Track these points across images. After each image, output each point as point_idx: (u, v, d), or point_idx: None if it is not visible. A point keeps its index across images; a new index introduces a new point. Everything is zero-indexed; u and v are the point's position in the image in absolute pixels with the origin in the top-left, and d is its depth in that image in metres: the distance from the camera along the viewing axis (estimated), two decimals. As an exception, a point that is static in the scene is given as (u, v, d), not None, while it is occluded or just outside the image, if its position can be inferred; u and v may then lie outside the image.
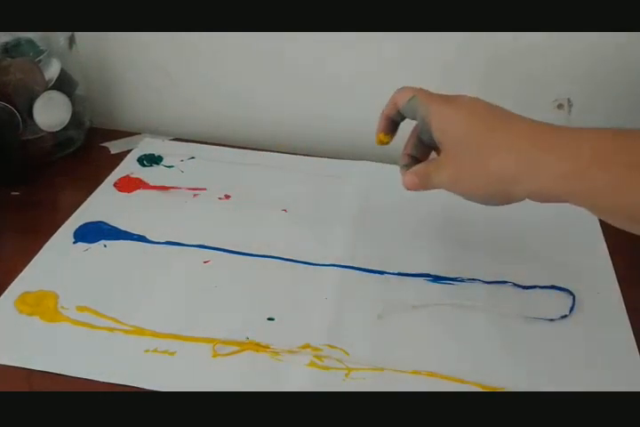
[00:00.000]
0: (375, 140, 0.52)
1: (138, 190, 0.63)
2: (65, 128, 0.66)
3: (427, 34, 0.64)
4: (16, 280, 0.52)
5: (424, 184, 0.47)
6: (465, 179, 0.44)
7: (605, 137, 0.39)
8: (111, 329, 0.48)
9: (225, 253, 0.56)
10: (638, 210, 0.38)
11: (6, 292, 0.51)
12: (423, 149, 0.51)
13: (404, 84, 0.49)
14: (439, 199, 0.63)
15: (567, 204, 0.41)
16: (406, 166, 0.50)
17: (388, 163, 0.68)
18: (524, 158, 0.40)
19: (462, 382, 0.45)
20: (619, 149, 0.38)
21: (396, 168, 0.67)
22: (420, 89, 0.48)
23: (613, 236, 0.59)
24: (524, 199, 0.42)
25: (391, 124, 0.51)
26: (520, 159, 0.41)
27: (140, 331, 0.48)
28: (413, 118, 0.49)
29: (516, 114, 0.44)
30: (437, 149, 0.48)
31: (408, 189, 0.48)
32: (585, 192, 0.39)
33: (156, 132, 0.74)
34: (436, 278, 0.54)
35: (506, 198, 0.43)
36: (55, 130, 0.65)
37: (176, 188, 0.64)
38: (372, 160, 0.69)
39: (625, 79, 0.65)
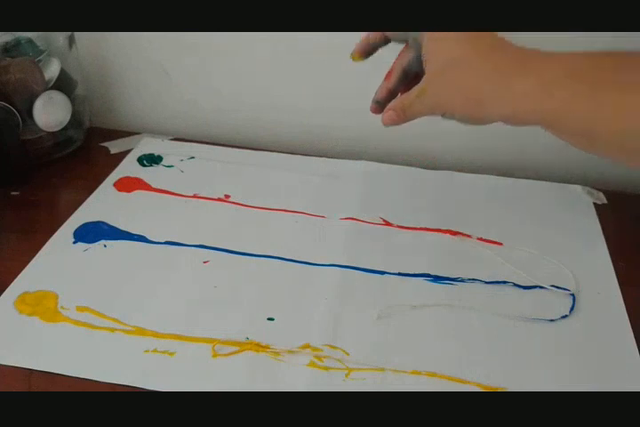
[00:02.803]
0: (350, 55, 0.53)
1: (137, 190, 0.63)
2: (65, 128, 0.66)
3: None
4: (16, 280, 0.52)
5: (404, 117, 0.48)
6: (444, 101, 0.46)
7: (572, 58, 0.42)
8: (111, 329, 0.48)
9: (225, 253, 0.56)
10: (600, 129, 0.40)
11: (6, 292, 0.51)
12: (404, 82, 0.51)
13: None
14: (439, 199, 0.64)
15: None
16: (379, 102, 0.51)
17: (388, 163, 0.68)
18: (500, 79, 0.42)
19: (462, 382, 0.45)
20: (581, 69, 0.41)
21: (396, 168, 0.68)
22: None
23: (613, 236, 0.59)
24: (497, 121, 0.44)
25: (370, 47, 0.52)
26: (495, 80, 0.43)
27: (140, 331, 0.48)
28: (402, 42, 0.50)
29: (509, 42, 0.45)
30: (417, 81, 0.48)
31: (386, 126, 0.49)
32: (549, 108, 0.41)
33: (155, 132, 0.74)
34: (436, 278, 0.54)
35: (479, 121, 0.45)
36: (55, 130, 0.65)
37: (176, 188, 0.64)
38: (372, 160, 0.69)
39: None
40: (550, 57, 0.42)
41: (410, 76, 0.50)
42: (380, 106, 0.51)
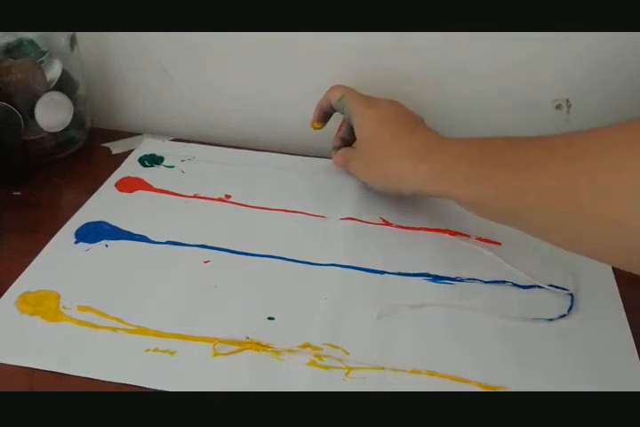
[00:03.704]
0: (310, 125, 0.66)
1: (139, 190, 0.64)
2: (66, 128, 0.66)
3: (429, 34, 0.64)
4: (17, 280, 0.52)
5: (345, 166, 0.62)
6: (369, 171, 0.58)
7: (465, 144, 0.51)
8: (113, 329, 0.48)
9: (226, 253, 0.56)
10: (485, 198, 0.47)
11: (8, 292, 0.51)
12: (352, 134, 0.61)
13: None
14: (438, 199, 0.64)
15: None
16: (336, 148, 0.65)
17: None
18: (409, 164, 0.53)
19: (462, 381, 0.46)
20: (468, 153, 0.49)
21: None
22: (350, 90, 0.61)
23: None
24: (411, 194, 0.55)
25: (324, 115, 0.65)
26: (406, 164, 0.53)
27: (142, 330, 0.48)
28: (342, 113, 0.62)
29: (421, 124, 0.57)
30: None
31: (336, 166, 0.64)
32: (446, 187, 0.50)
33: (156, 133, 0.74)
34: (436, 278, 0.54)
35: (398, 192, 0.56)
36: (56, 130, 0.65)
37: (177, 188, 0.64)
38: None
39: (624, 80, 0.65)
40: (448, 144, 0.52)
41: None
42: (337, 150, 0.64)
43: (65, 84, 0.65)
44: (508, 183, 0.45)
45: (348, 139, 0.64)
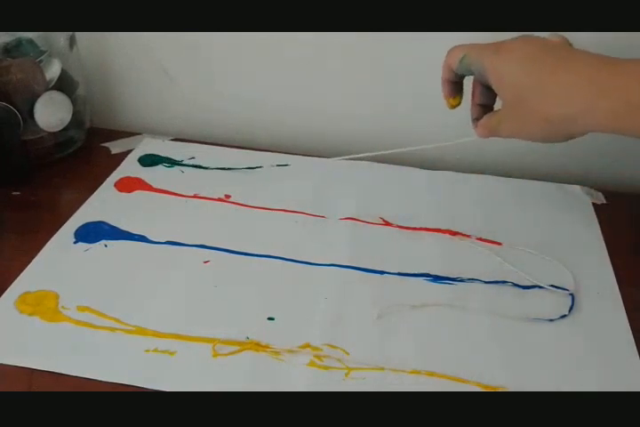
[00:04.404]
0: (446, 105, 0.54)
1: (138, 190, 0.64)
2: (65, 128, 0.66)
3: (430, 34, 0.63)
4: (17, 280, 0.52)
5: (492, 134, 0.50)
6: (528, 127, 0.47)
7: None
8: (112, 329, 0.48)
9: (225, 253, 0.56)
10: None
11: (7, 292, 0.51)
12: (490, 95, 0.52)
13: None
14: (438, 199, 0.64)
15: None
16: (477, 119, 0.52)
17: (387, 163, 0.68)
18: (581, 99, 0.43)
19: (462, 381, 0.45)
20: None
21: (397, 168, 0.68)
22: (470, 45, 0.50)
23: (612, 236, 0.60)
24: (584, 135, 0.46)
25: (454, 86, 0.53)
26: (577, 100, 0.43)
27: (141, 331, 0.48)
28: (472, 75, 0.51)
29: (571, 48, 0.46)
30: None
31: (483, 137, 0.52)
32: (635, 128, 0.42)
33: (156, 133, 0.74)
34: (436, 278, 0.54)
35: (567, 137, 0.46)
36: (56, 130, 0.65)
37: (176, 188, 0.64)
38: (372, 160, 0.69)
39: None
40: (622, 65, 0.43)
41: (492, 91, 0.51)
42: (479, 121, 0.52)
43: (64, 84, 0.65)
44: None
45: (487, 103, 0.52)
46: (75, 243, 0.57)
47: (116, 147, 0.71)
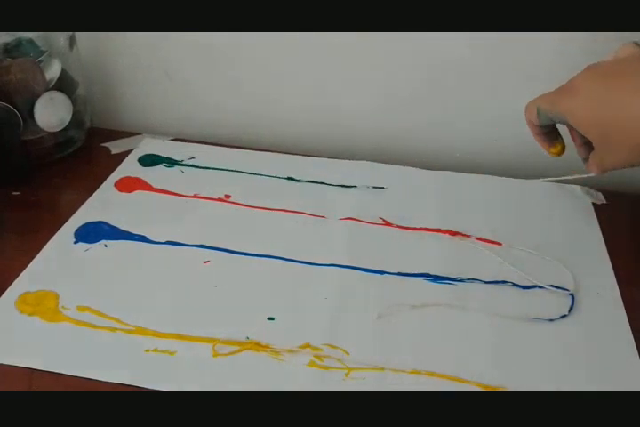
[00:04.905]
0: (549, 155, 0.54)
1: (138, 190, 0.64)
2: (65, 128, 0.66)
3: (433, 34, 0.64)
4: (17, 280, 0.52)
5: (603, 170, 0.49)
6: (628, 157, 0.46)
7: None
8: (112, 329, 0.48)
9: (225, 253, 0.56)
10: None
11: (7, 292, 0.51)
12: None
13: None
14: (439, 199, 0.64)
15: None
16: (586, 159, 0.52)
17: (387, 163, 0.68)
18: None
19: (462, 381, 0.45)
20: None
21: (397, 168, 0.68)
22: (539, 97, 0.50)
23: (612, 236, 0.60)
24: None
25: (548, 136, 0.53)
26: None
27: (141, 331, 0.48)
28: (558, 122, 0.51)
29: (627, 69, 0.45)
30: None
31: (601, 174, 0.50)
32: None
33: (156, 133, 0.74)
34: (436, 278, 0.54)
35: None
36: (56, 130, 0.65)
37: (176, 188, 0.64)
38: (372, 160, 0.69)
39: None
40: None
41: None
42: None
43: (64, 84, 0.65)
44: None
45: (588, 142, 0.51)
46: (75, 243, 0.57)
47: (116, 147, 0.71)
